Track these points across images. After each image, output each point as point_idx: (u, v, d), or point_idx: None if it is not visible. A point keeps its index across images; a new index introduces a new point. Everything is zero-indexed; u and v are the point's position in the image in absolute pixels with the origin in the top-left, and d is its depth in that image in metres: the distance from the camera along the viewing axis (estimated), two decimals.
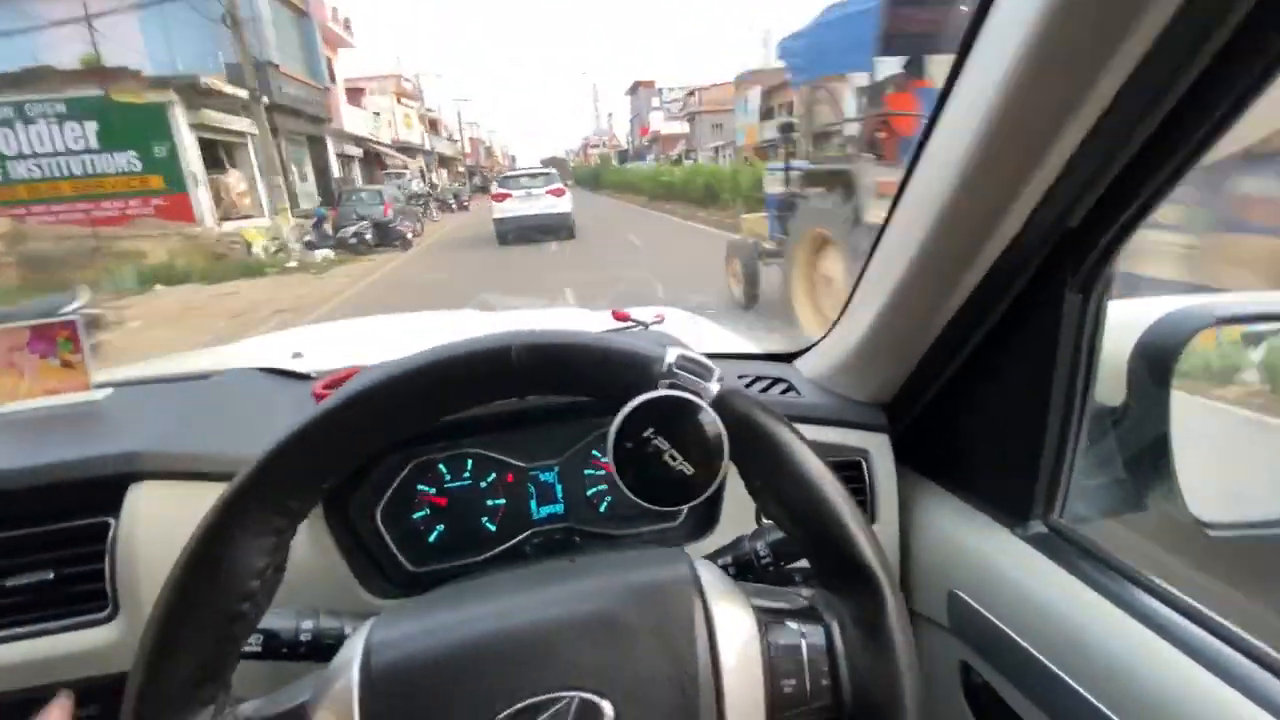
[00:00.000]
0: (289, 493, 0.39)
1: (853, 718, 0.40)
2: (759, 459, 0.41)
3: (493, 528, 0.82)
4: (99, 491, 0.68)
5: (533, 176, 15.04)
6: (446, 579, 0.45)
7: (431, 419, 0.41)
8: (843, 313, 0.86)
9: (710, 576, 0.42)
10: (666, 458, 0.39)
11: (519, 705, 0.36)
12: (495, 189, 15.55)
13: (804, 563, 0.51)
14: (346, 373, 0.94)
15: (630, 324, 1.11)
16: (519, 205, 14.27)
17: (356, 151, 26.65)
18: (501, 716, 0.36)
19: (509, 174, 16.10)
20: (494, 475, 0.83)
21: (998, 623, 0.64)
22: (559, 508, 0.85)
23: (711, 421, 0.39)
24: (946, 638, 0.74)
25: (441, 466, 0.81)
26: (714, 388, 0.40)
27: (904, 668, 0.39)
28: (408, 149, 37.32)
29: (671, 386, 0.40)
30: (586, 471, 0.86)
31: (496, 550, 0.82)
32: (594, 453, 0.86)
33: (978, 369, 0.74)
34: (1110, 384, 0.69)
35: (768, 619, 0.41)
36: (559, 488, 0.85)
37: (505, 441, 0.83)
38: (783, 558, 0.58)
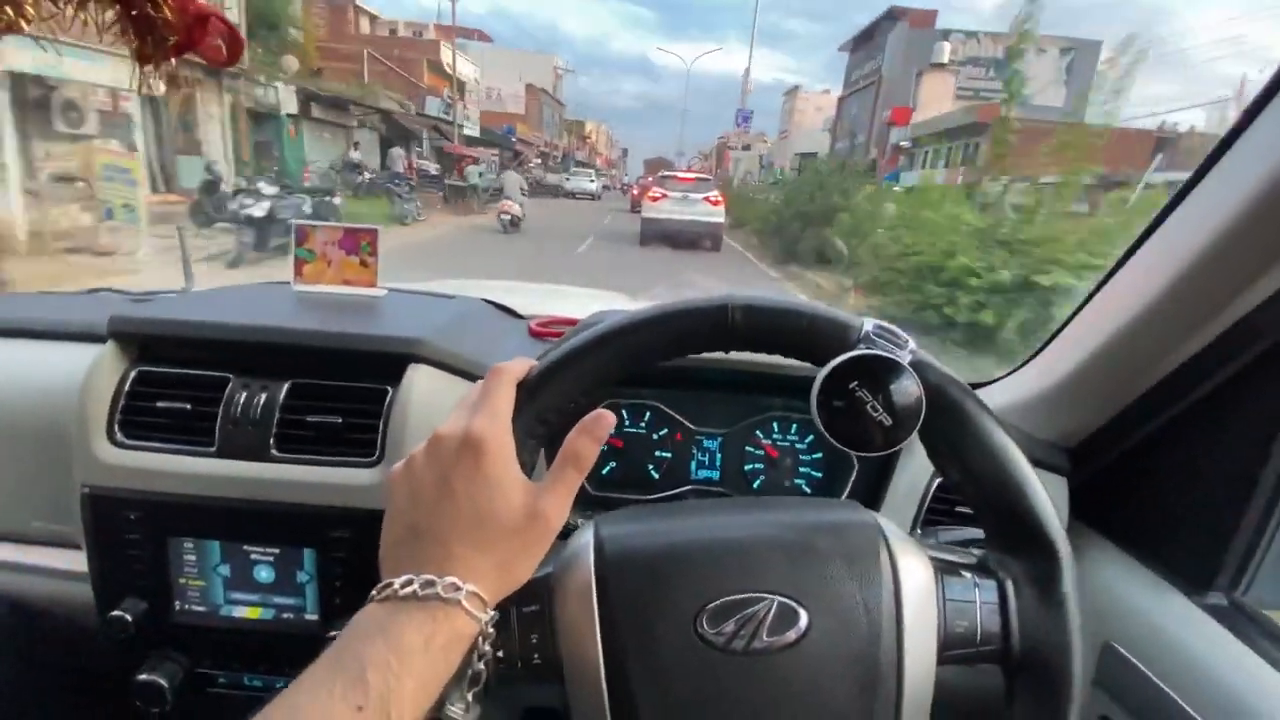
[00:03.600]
0: (555, 402, 0.45)
1: (1019, 667, 0.43)
2: (948, 424, 0.44)
3: (656, 475, 0.93)
4: (386, 363, 0.83)
5: (691, 181, 14.95)
6: (619, 506, 0.52)
7: (661, 359, 0.47)
8: (1042, 349, 0.83)
9: (890, 525, 0.46)
10: (869, 408, 0.42)
11: (725, 599, 0.41)
12: (646, 185, 17.14)
13: None
14: (555, 318, 1.09)
15: None
16: (672, 207, 13.74)
17: None
18: (711, 605, 0.41)
19: (666, 175, 15.56)
20: (666, 430, 0.92)
21: (1160, 684, 0.63)
22: (715, 474, 0.93)
23: (913, 381, 0.42)
24: (1091, 688, 0.73)
25: (624, 412, 0.92)
26: (908, 355, 0.43)
27: (1075, 627, 0.42)
28: None
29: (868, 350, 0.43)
30: (747, 448, 0.93)
31: (659, 495, 0.92)
32: (757, 432, 0.93)
33: (1187, 426, 0.70)
34: None
35: (944, 567, 0.45)
36: (719, 456, 0.93)
37: (681, 402, 0.92)
38: None
